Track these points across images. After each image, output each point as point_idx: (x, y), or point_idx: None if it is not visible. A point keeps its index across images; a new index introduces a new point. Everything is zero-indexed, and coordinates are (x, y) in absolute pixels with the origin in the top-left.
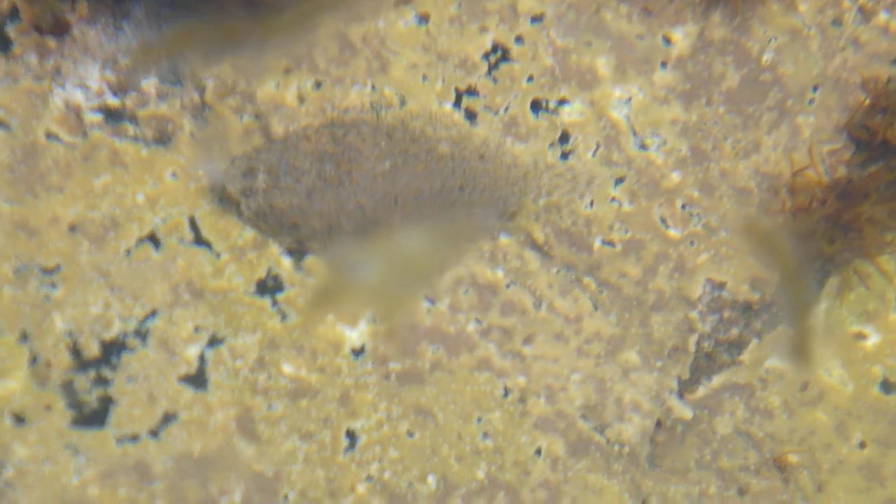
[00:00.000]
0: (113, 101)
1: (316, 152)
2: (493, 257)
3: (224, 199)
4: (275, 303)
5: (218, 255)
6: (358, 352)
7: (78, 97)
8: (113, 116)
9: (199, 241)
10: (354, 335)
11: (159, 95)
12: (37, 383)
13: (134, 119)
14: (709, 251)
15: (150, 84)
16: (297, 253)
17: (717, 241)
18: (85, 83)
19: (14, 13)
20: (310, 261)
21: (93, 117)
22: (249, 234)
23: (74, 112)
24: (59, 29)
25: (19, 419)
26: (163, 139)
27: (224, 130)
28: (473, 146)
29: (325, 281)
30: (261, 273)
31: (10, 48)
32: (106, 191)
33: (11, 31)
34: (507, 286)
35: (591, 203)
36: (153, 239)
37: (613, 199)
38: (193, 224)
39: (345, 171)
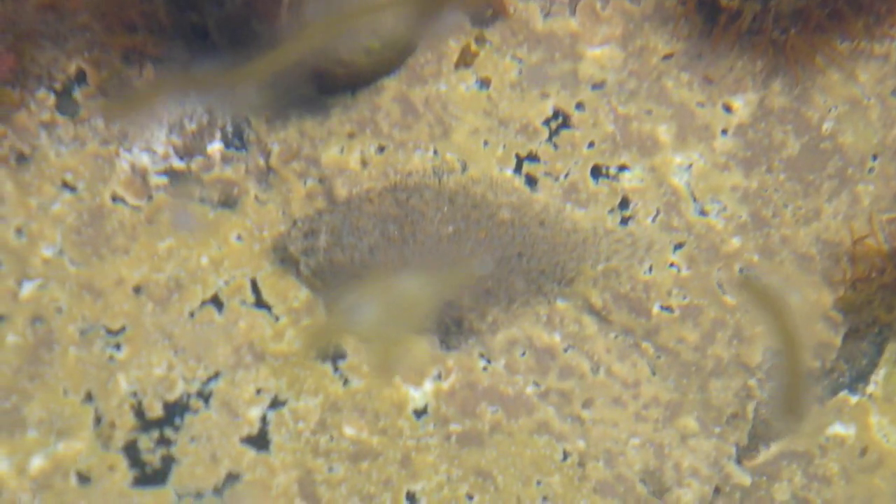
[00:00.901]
0: (179, 165)
1: (379, 214)
2: (550, 321)
3: (285, 260)
4: (336, 369)
5: (277, 319)
6: (420, 412)
7: (144, 160)
8: (179, 179)
9: (260, 303)
10: (418, 395)
11: (224, 160)
12: (101, 444)
13: (199, 182)
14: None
15: (215, 149)
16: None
17: None
18: (151, 147)
19: (81, 77)
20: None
21: (158, 180)
22: (304, 294)
23: (140, 175)
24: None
25: (84, 479)
26: (228, 202)
27: (287, 195)
28: (533, 212)
29: (322, 320)
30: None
31: (77, 112)
32: (171, 253)
33: (79, 95)
34: (565, 350)
35: (650, 268)
36: (216, 301)
37: (672, 264)
38: (255, 286)
39: (408, 232)
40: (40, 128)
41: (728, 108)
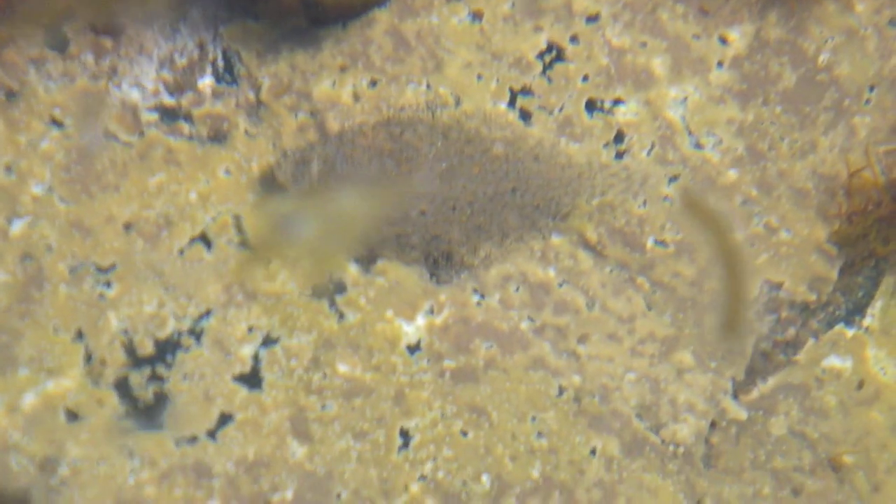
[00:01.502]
0: (169, 101)
1: (374, 148)
2: (545, 257)
3: (273, 189)
4: (332, 304)
5: (269, 261)
6: (413, 348)
7: (134, 96)
8: (169, 115)
9: (246, 242)
10: (411, 330)
11: (215, 95)
12: (91, 381)
13: (189, 118)
14: (767, 252)
15: (205, 84)
16: (366, 260)
17: (777, 241)
18: (141, 83)
19: (70, 13)
20: (381, 265)
21: (149, 116)
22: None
23: (131, 111)
24: (115, 30)
25: (73, 416)
26: (218, 137)
27: (279, 129)
28: (527, 147)
29: (261, 236)
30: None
31: (66, 48)
32: (160, 189)
33: (68, 30)
34: (560, 285)
35: (645, 202)
36: (205, 238)
37: (667, 197)
38: (239, 223)
39: (404, 171)
40: (29, 63)
41: (724, 40)
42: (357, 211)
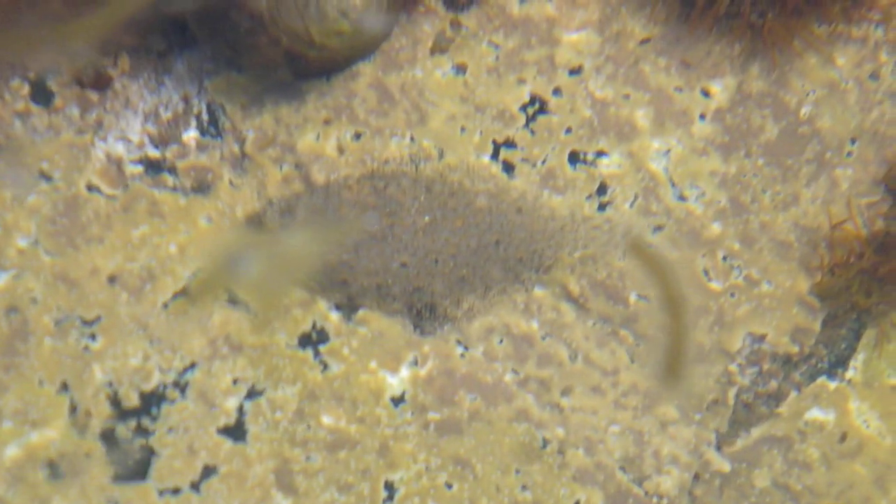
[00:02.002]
0: (154, 153)
1: (359, 203)
2: (528, 309)
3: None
4: (317, 354)
5: (256, 315)
6: (398, 400)
7: (119, 149)
8: (153, 168)
9: (236, 301)
10: (395, 382)
11: (199, 147)
12: (77, 432)
13: (173, 170)
14: (749, 303)
15: (190, 136)
16: (347, 308)
17: (759, 293)
18: (126, 136)
19: (56, 67)
20: (362, 314)
21: (133, 169)
22: (297, 294)
23: (116, 164)
24: (101, 83)
25: (58, 467)
26: (202, 188)
27: (263, 179)
28: (511, 199)
29: (209, 271)
30: (305, 327)
31: (52, 101)
32: (143, 242)
33: (53, 84)
34: (543, 338)
35: (625, 255)
36: (188, 293)
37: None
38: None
39: (387, 224)
40: (14, 117)
41: (706, 93)
42: (304, 251)
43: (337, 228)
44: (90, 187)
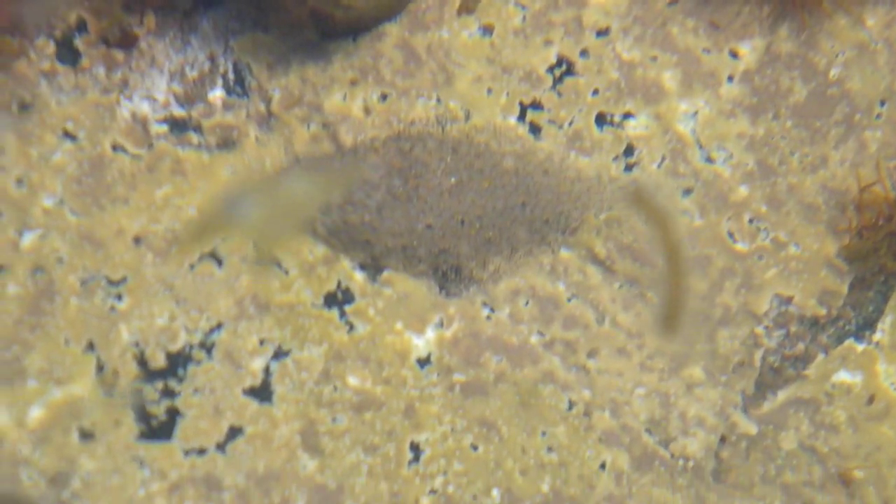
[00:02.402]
0: (179, 112)
1: (385, 166)
2: (554, 271)
3: None
4: (343, 314)
5: (287, 272)
6: (423, 362)
7: (145, 108)
8: (178, 127)
9: (263, 260)
10: (421, 343)
11: (225, 106)
12: (104, 391)
13: (199, 128)
14: (777, 266)
15: (216, 96)
16: (372, 268)
17: (786, 255)
18: (152, 95)
19: (82, 26)
20: (386, 275)
21: (159, 128)
22: (321, 250)
23: (141, 123)
24: (127, 42)
25: (86, 432)
26: (226, 144)
27: (290, 137)
28: (537, 160)
29: (205, 215)
30: (330, 286)
31: (78, 61)
32: (167, 202)
33: (80, 43)
34: (569, 300)
35: None
36: (214, 257)
37: (685, 211)
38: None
39: (412, 186)
40: (40, 76)
41: (734, 55)
42: (304, 197)
43: (339, 173)
44: (115, 147)
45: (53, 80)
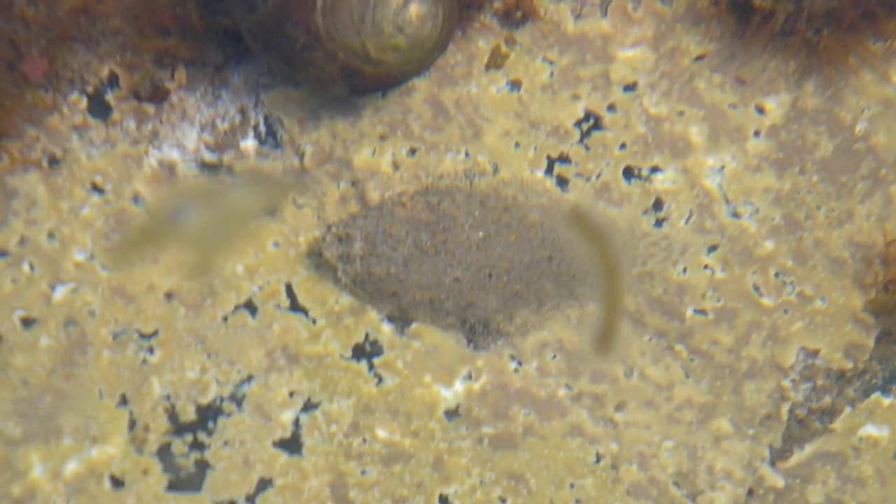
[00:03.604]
0: (210, 158)
1: (412, 220)
2: (582, 323)
3: (320, 266)
4: (371, 367)
5: (314, 322)
6: (452, 414)
7: (174, 156)
8: (209, 169)
9: (296, 307)
10: (449, 395)
11: (258, 155)
12: (135, 448)
13: (231, 172)
14: (803, 319)
15: (248, 145)
16: (400, 321)
17: (812, 309)
18: (182, 144)
19: (114, 80)
20: (415, 327)
21: (188, 171)
22: (346, 300)
23: (168, 169)
24: (158, 96)
25: (118, 483)
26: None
27: (321, 197)
28: (563, 213)
29: (145, 224)
30: (358, 338)
31: (109, 115)
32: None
33: (111, 97)
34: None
35: (685, 270)
36: (250, 306)
37: (706, 266)
38: (290, 291)
39: (440, 240)
40: (72, 131)
41: (761, 110)
42: (246, 206)
43: (281, 183)
44: (136, 197)
45: (85, 134)
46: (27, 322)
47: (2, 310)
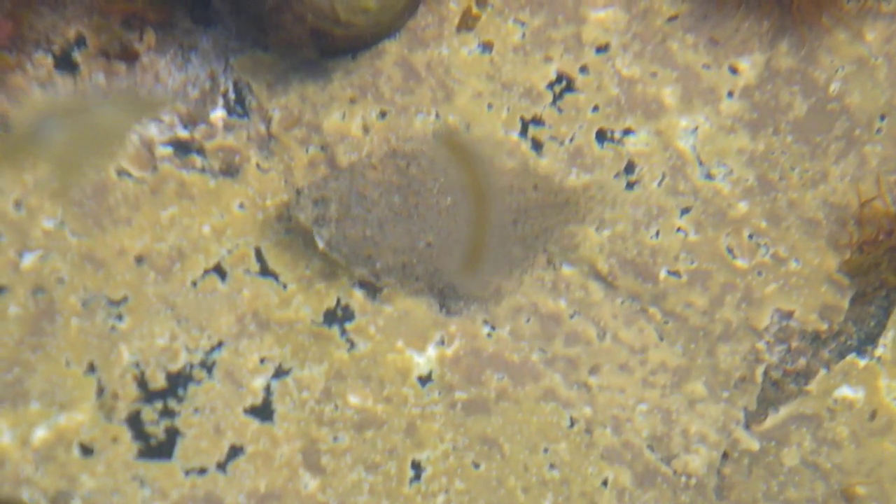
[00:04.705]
0: (183, 134)
1: (383, 182)
2: (556, 287)
3: (290, 230)
4: (343, 332)
5: (285, 287)
6: (425, 380)
7: (152, 131)
8: (182, 149)
9: (266, 272)
10: (422, 361)
11: (226, 127)
12: (104, 416)
13: (202, 151)
14: (777, 281)
15: (217, 116)
16: (371, 286)
17: (786, 271)
18: (158, 115)
19: (81, 41)
20: (387, 293)
21: (163, 151)
22: (317, 265)
23: (147, 147)
24: (128, 56)
25: (87, 451)
26: (230, 171)
27: (289, 163)
28: (529, 178)
29: (13, 137)
30: (330, 303)
31: (76, 72)
32: (173, 222)
33: (78, 56)
34: (571, 316)
35: (657, 233)
36: (219, 270)
37: (679, 229)
38: (260, 255)
39: (412, 203)
40: (35, 86)
41: (734, 70)
42: (110, 122)
43: (145, 100)
44: (120, 172)
45: (51, 89)
46: None
47: None
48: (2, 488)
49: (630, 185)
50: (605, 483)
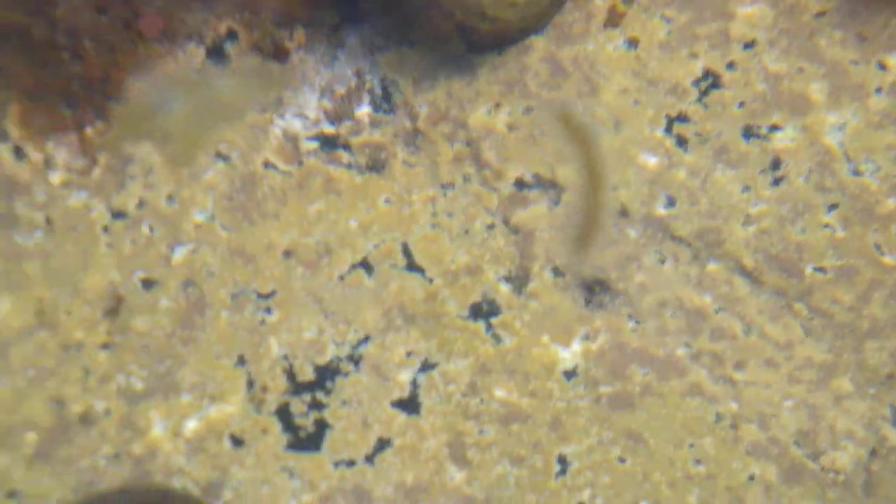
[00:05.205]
0: (329, 129)
1: None
2: (701, 282)
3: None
4: (489, 327)
5: (431, 281)
6: (570, 374)
7: (296, 126)
8: (328, 144)
9: (412, 266)
10: (567, 355)
11: (373, 123)
12: (254, 407)
13: (348, 147)
14: None
15: (363, 113)
16: (517, 281)
17: None
18: (303, 112)
19: (232, 36)
20: (532, 287)
21: (309, 145)
22: (462, 259)
23: (292, 141)
24: (280, 55)
25: (238, 442)
26: (376, 166)
27: (435, 158)
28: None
29: (138, 108)
30: (475, 298)
31: (228, 64)
32: (320, 217)
33: (230, 49)
34: (717, 311)
35: (803, 229)
36: (366, 265)
37: (826, 225)
38: (406, 250)
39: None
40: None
41: (882, 66)
42: (232, 97)
43: (265, 82)
44: (266, 164)
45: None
46: (147, 283)
47: (122, 271)
48: (154, 478)
49: (776, 182)
50: (751, 478)
